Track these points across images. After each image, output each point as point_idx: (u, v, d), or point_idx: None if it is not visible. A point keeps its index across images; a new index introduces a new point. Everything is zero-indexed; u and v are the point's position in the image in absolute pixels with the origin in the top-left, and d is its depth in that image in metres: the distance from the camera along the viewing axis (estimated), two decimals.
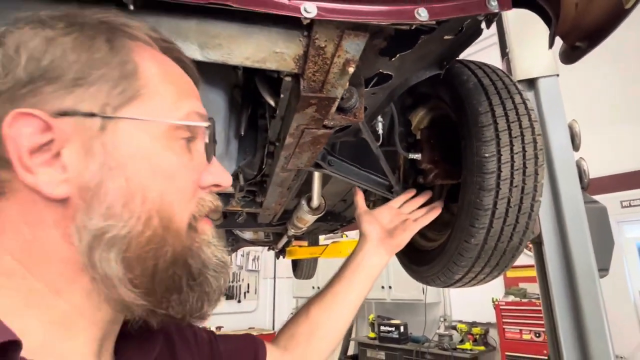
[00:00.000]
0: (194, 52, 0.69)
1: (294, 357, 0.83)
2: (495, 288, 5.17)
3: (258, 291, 8.81)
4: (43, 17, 0.41)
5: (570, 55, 1.05)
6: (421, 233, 1.53)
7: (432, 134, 1.33)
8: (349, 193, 2.35)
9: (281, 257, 3.98)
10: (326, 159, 1.35)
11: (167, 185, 0.42)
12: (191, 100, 0.48)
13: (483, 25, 0.84)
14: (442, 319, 5.75)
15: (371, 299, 6.42)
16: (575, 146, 1.86)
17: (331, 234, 4.38)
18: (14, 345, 0.30)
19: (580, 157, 1.86)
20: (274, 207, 1.92)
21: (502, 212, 1.05)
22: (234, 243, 4.06)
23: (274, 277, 8.78)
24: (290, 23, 0.66)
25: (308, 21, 0.63)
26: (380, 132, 1.23)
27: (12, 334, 0.30)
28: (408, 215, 1.18)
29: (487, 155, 1.03)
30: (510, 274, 5.25)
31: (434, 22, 0.70)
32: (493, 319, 5.05)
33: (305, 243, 3.67)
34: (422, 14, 0.66)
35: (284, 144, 0.94)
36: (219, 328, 7.17)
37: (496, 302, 4.97)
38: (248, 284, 8.72)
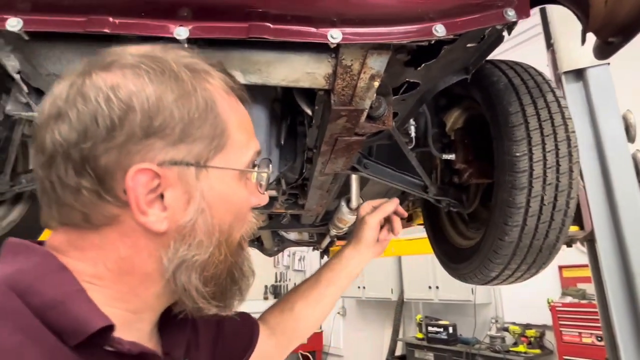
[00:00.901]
0: (237, 76, 0.80)
1: (278, 344, 0.90)
2: (550, 289, 4.92)
3: None
4: (137, 61, 0.46)
5: (604, 50, 1.04)
6: (459, 231, 1.55)
7: (466, 134, 1.36)
8: (389, 192, 2.40)
9: (325, 256, 4.08)
10: (362, 162, 1.42)
11: (235, 216, 0.51)
12: (254, 140, 0.55)
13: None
14: (493, 321, 5.56)
15: (418, 299, 6.35)
16: (630, 138, 1.78)
17: None
18: (111, 328, 0.42)
19: (637, 150, 1.77)
20: (316, 209, 2.02)
21: (536, 210, 1.06)
22: (280, 244, 4.20)
23: None
24: (319, 47, 0.74)
25: (335, 45, 0.71)
26: (413, 134, 1.28)
27: (109, 320, 0.41)
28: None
29: (518, 154, 1.05)
30: (567, 273, 4.96)
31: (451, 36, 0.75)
32: (549, 321, 4.80)
33: None
34: (440, 30, 0.72)
35: (320, 151, 1.02)
36: None
37: (552, 304, 4.73)
38: (295, 284, 8.91)
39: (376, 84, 0.79)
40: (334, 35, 0.69)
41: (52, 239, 0.47)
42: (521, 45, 5.05)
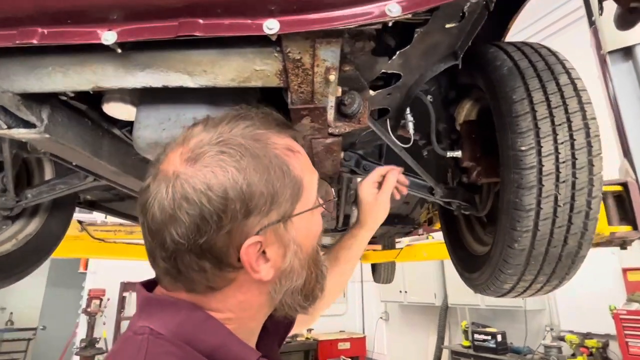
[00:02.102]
0: (186, 80, 0.75)
1: (302, 317, 0.97)
2: (613, 294, 4.41)
3: (346, 295, 8.88)
4: (217, 152, 0.51)
5: (627, 19, 0.87)
6: (476, 236, 1.40)
7: (473, 128, 1.21)
8: (410, 194, 2.26)
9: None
10: (360, 164, 1.32)
11: (315, 236, 0.62)
12: (314, 172, 0.62)
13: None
14: (548, 329, 5.09)
15: (464, 304, 6.00)
16: None
17: (416, 237, 4.24)
18: (260, 358, 0.54)
19: None
20: (330, 214, 1.94)
21: (549, 213, 0.91)
22: None
23: (361, 281, 8.76)
24: (261, 41, 0.67)
25: (275, 37, 0.63)
26: (411, 131, 1.16)
27: (258, 352, 0.55)
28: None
29: (523, 148, 0.91)
30: (633, 277, 4.42)
31: (414, 15, 0.65)
32: (612, 330, 4.30)
33: (378, 247, 3.61)
34: (394, 10, 0.61)
35: None
36: (309, 330, 7.42)
37: (615, 311, 4.23)
38: None
39: (332, 77, 0.70)
40: (270, 26, 0.62)
41: (177, 294, 0.55)
42: (565, 30, 4.63)
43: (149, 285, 0.59)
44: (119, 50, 0.67)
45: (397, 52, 0.81)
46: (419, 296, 6.73)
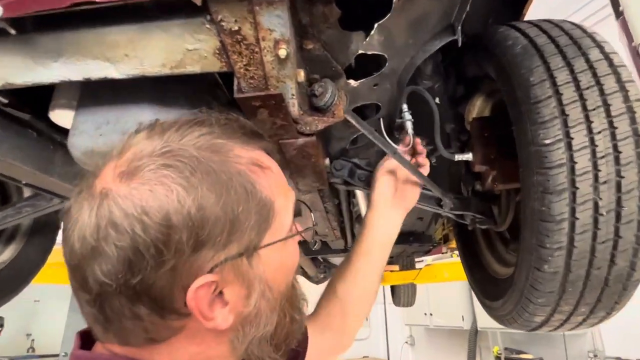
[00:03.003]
0: (109, 70, 0.60)
1: (334, 333, 0.88)
2: None
3: (369, 318, 8.48)
4: (159, 166, 0.41)
5: None
6: (498, 255, 1.18)
7: (485, 125, 1.02)
8: (424, 211, 2.04)
9: None
10: (355, 174, 1.14)
11: (290, 271, 0.52)
12: (290, 192, 0.52)
13: None
14: (590, 355, 4.61)
15: (495, 327, 5.55)
16: None
17: (439, 255, 3.96)
18: None
19: None
20: (331, 232, 1.75)
21: (588, 224, 0.70)
22: (326, 270, 3.97)
23: (384, 302, 8.36)
24: (186, 9, 0.52)
25: (200, 0, 0.48)
26: (410, 132, 0.98)
27: None
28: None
29: (547, 141, 0.71)
30: None
31: None
32: None
33: (396, 267, 3.35)
34: None
35: None
36: None
37: None
38: None
39: (284, 52, 0.53)
40: None
41: (111, 347, 0.45)
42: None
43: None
44: (12, 32, 0.54)
45: (375, 25, 0.64)
46: (446, 319, 6.32)
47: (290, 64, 0.57)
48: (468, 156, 1.00)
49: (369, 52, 0.71)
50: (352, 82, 0.80)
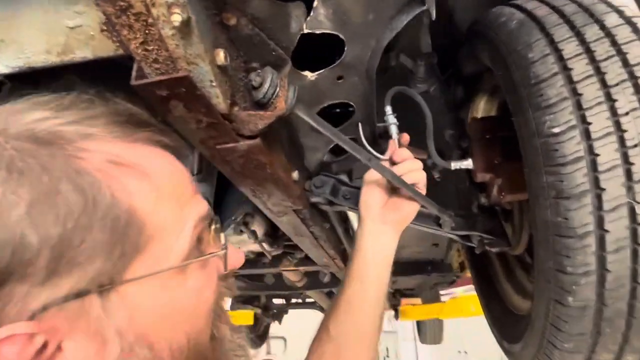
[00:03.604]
0: None
1: None
2: None
3: (399, 355, 7.93)
4: None
5: None
6: (517, 285, 0.97)
7: (486, 125, 0.85)
8: (439, 237, 1.83)
9: (396, 317, 3.43)
10: (338, 191, 0.98)
11: (192, 319, 0.37)
12: (190, 203, 0.38)
13: None
14: None
15: None
16: None
17: (470, 286, 3.63)
18: None
19: None
20: (331, 262, 1.57)
21: (624, 237, 0.51)
22: None
23: (414, 339, 7.81)
24: None
25: None
26: (395, 136, 0.82)
27: None
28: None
29: (556, 129, 0.54)
30: None
31: None
32: None
33: (418, 301, 3.07)
34: None
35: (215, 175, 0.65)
36: None
37: None
38: (387, 347, 7.92)
39: (177, 17, 0.41)
40: None
41: None
42: None
43: None
44: None
45: None
46: (482, 358, 5.78)
47: (197, 39, 0.44)
48: (467, 163, 0.83)
49: (318, 32, 0.57)
50: (307, 74, 0.67)
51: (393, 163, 0.76)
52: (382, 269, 0.75)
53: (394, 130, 0.84)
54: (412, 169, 0.75)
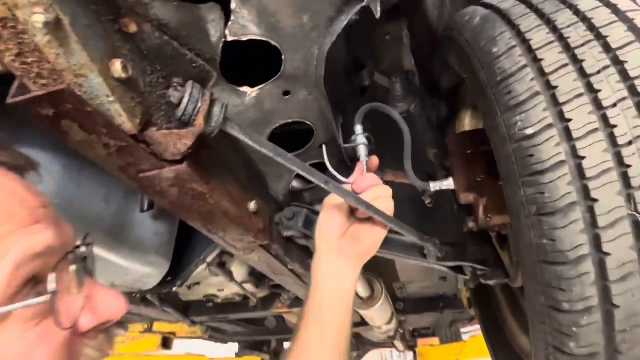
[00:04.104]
0: None
1: None
2: None
3: None
4: None
5: None
6: (524, 322, 0.82)
7: (467, 140, 0.76)
8: (427, 274, 1.68)
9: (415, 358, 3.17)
10: (313, 223, 0.88)
11: None
12: (15, 235, 0.30)
13: None
14: None
15: None
16: None
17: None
18: None
19: None
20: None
21: (629, 261, 0.39)
22: (360, 347, 3.51)
23: None
24: None
25: None
26: (363, 159, 0.73)
27: None
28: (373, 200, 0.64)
29: (530, 131, 0.44)
30: None
31: None
32: None
33: (436, 341, 2.83)
34: None
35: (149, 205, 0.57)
36: None
37: None
38: None
39: (40, 18, 0.34)
40: None
41: None
42: None
43: None
44: None
45: None
46: None
47: (78, 46, 0.38)
48: (448, 183, 0.73)
49: (244, 39, 0.50)
50: (246, 89, 0.59)
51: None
52: (341, 308, 0.64)
53: (362, 151, 0.75)
54: (379, 196, 0.65)
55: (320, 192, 0.95)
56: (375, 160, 0.72)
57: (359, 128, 0.77)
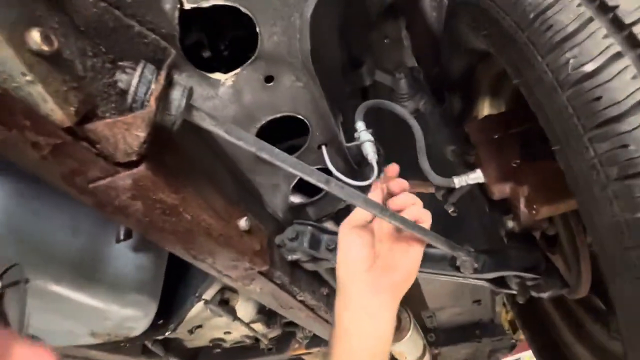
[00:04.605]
0: None
1: None
2: None
3: None
4: None
5: None
6: (591, 343, 0.66)
7: (491, 123, 0.64)
8: (480, 291, 1.50)
9: None
10: (320, 242, 0.76)
11: None
12: None
13: None
14: None
15: None
16: None
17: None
18: None
19: None
20: None
21: None
22: None
23: None
24: None
25: None
26: (372, 160, 0.62)
27: None
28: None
29: (589, 67, 0.32)
30: None
31: None
32: None
33: None
34: None
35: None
36: None
37: None
38: None
39: None
40: None
41: None
42: None
43: None
44: None
45: None
46: None
47: None
48: (475, 176, 0.60)
49: (205, 4, 0.41)
50: (219, 76, 0.49)
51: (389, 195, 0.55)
52: (374, 356, 0.50)
53: (369, 149, 0.64)
54: (409, 203, 0.53)
55: (327, 205, 0.83)
56: (393, 168, 0.60)
57: (360, 124, 0.67)
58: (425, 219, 0.52)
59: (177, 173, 0.47)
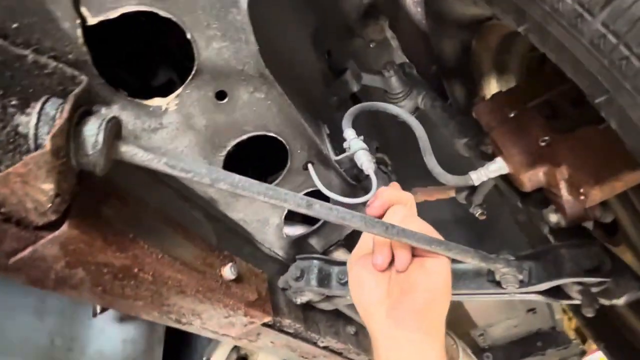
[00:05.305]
0: None
1: None
2: None
3: None
4: None
5: None
6: None
7: (503, 101, 0.53)
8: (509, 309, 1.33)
9: None
10: (331, 277, 0.65)
11: None
12: None
13: None
14: None
15: None
16: None
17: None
18: None
19: None
20: None
21: None
22: None
23: None
24: None
25: None
26: (370, 170, 0.52)
27: None
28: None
29: None
30: None
31: None
32: None
33: None
34: None
35: None
36: None
37: None
38: None
39: None
40: None
41: None
42: None
43: None
44: None
45: None
46: None
47: None
48: (497, 167, 0.49)
49: (115, 14, 0.33)
50: (157, 102, 0.41)
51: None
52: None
53: (363, 158, 0.54)
54: (407, 214, 0.43)
55: (332, 232, 0.72)
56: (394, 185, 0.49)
57: (349, 132, 0.57)
58: (404, 199, 0.41)
59: (122, 227, 0.38)
